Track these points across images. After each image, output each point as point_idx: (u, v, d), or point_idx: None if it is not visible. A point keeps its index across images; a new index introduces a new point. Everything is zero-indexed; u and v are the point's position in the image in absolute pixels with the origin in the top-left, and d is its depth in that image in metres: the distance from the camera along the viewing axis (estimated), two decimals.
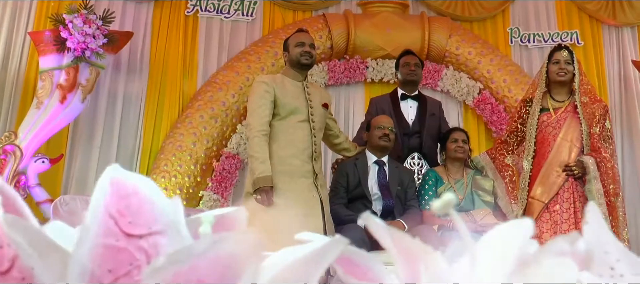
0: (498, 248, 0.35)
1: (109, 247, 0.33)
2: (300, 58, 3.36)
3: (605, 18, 5.97)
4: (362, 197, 3.54)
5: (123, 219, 0.34)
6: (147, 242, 0.34)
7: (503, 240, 0.35)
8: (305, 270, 0.33)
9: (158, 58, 5.48)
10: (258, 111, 3.22)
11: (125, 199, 0.35)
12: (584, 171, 3.53)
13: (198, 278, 0.30)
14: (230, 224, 0.41)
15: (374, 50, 5.44)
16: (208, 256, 0.30)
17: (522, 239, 0.34)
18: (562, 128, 3.67)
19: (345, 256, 0.37)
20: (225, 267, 0.31)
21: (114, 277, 0.32)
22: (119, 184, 0.36)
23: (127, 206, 0.35)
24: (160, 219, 0.35)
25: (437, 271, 0.36)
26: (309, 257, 0.34)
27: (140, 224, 0.34)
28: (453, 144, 3.81)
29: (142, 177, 0.37)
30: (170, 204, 0.36)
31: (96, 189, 0.35)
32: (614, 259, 0.33)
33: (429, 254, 0.37)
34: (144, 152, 5.30)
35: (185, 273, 0.30)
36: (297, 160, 3.23)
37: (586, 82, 3.82)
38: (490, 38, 5.81)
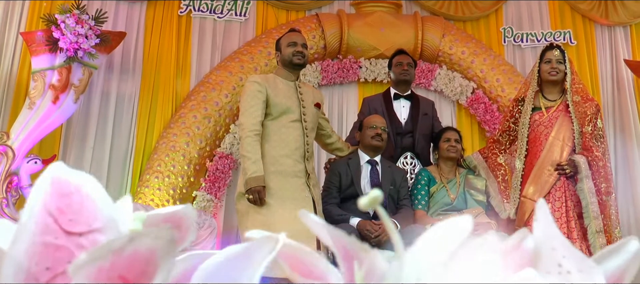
0: (434, 245, 0.35)
1: (47, 245, 0.33)
2: (292, 58, 3.36)
3: (598, 17, 5.99)
4: (355, 197, 3.52)
5: (63, 217, 0.34)
6: (87, 240, 0.33)
7: (440, 238, 0.35)
8: (238, 269, 0.33)
9: (151, 58, 5.47)
10: (250, 110, 3.21)
11: (66, 197, 0.35)
12: (575, 169, 3.55)
13: (120, 274, 0.30)
14: (179, 222, 0.41)
15: (367, 50, 5.44)
16: (126, 253, 0.30)
17: (459, 237, 0.34)
18: (554, 127, 3.68)
19: (290, 254, 0.37)
20: (144, 263, 0.30)
21: (52, 275, 0.32)
22: (61, 182, 0.36)
23: (68, 204, 0.35)
24: (101, 217, 0.35)
25: (372, 269, 0.35)
26: (241, 256, 0.34)
27: (80, 222, 0.34)
28: (446, 143, 3.82)
29: (85, 176, 0.37)
30: (111, 202, 0.36)
31: (34, 188, 0.35)
32: (560, 255, 0.33)
33: (366, 252, 0.37)
34: (137, 152, 5.28)
35: (107, 269, 0.30)
36: (289, 160, 3.23)
37: (578, 81, 3.83)
38: (483, 38, 5.82)
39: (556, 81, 3.76)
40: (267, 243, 0.34)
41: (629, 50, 6.01)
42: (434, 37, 5.47)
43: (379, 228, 3.32)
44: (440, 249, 0.34)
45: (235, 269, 0.34)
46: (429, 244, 0.35)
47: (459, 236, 0.34)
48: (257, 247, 0.34)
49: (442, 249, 0.34)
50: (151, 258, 0.31)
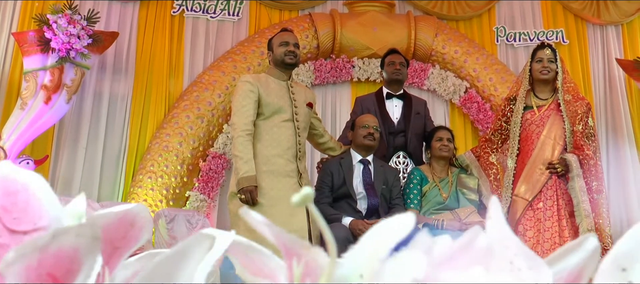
0: (376, 243, 0.35)
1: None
2: (284, 58, 3.35)
3: (590, 17, 6.01)
4: (347, 197, 3.53)
5: (8, 215, 0.34)
6: (31, 238, 0.33)
7: (382, 236, 0.35)
8: (176, 268, 0.33)
9: (144, 58, 5.46)
10: (242, 110, 3.21)
11: (12, 195, 0.35)
12: (567, 168, 3.55)
13: (48, 272, 0.30)
14: (133, 221, 0.41)
15: (360, 50, 5.45)
16: (51, 250, 0.30)
17: (398, 235, 0.34)
18: (545, 126, 3.68)
19: (242, 251, 0.37)
20: (69, 261, 0.30)
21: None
22: (8, 181, 0.36)
23: (14, 203, 0.35)
24: (47, 215, 0.34)
25: (311, 266, 0.35)
26: (178, 254, 0.33)
27: (25, 221, 0.34)
28: (438, 142, 3.81)
29: (32, 174, 0.36)
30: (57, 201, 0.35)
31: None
32: (512, 253, 0.33)
33: (307, 249, 0.36)
34: (130, 152, 5.28)
35: (35, 268, 0.30)
36: (281, 159, 3.22)
37: (569, 80, 3.83)
38: (476, 37, 5.83)
39: (547, 79, 3.76)
40: (204, 240, 0.34)
41: (620, 49, 6.03)
42: (427, 37, 5.48)
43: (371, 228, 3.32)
44: (382, 248, 0.34)
45: (174, 268, 0.34)
46: (371, 242, 0.35)
47: (400, 234, 0.34)
48: (193, 245, 0.34)
49: (384, 247, 0.34)
50: (75, 256, 0.31)
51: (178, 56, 5.53)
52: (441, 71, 5.52)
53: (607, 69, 6.00)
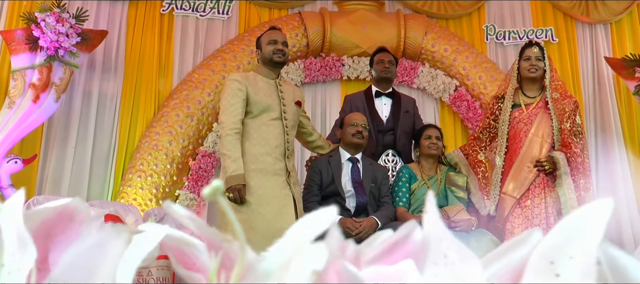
0: (297, 238, 0.35)
1: None
2: (273, 56, 3.35)
3: (579, 15, 6.04)
4: (336, 195, 3.54)
5: None
6: None
7: (303, 230, 0.36)
8: (94, 265, 0.33)
9: (133, 57, 5.44)
10: (230, 109, 3.20)
11: None
12: (554, 166, 3.57)
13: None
14: (72, 215, 0.40)
15: (350, 48, 5.45)
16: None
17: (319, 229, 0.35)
18: (533, 124, 3.70)
19: (174, 245, 0.37)
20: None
21: None
22: None
23: None
24: None
25: (228, 258, 0.35)
26: (94, 249, 0.33)
27: None
28: (426, 140, 3.82)
29: None
30: None
31: None
32: (446, 247, 0.33)
33: (228, 242, 0.37)
34: (119, 151, 5.26)
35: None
36: (269, 158, 3.22)
37: (557, 78, 3.85)
38: (466, 35, 5.85)
39: (535, 78, 3.78)
40: (120, 235, 0.34)
41: (609, 48, 6.06)
42: (417, 35, 5.49)
43: (359, 226, 3.33)
44: (305, 242, 0.34)
45: (89, 266, 0.33)
46: (294, 236, 0.35)
47: (321, 228, 0.35)
48: (108, 240, 0.33)
49: (306, 241, 0.34)
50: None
51: (167, 55, 5.51)
52: (431, 69, 5.54)
53: (596, 67, 6.03)
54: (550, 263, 0.31)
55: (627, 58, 5.52)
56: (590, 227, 0.32)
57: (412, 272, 0.32)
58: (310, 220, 0.36)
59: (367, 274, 0.34)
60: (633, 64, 5.44)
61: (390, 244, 0.36)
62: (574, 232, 0.32)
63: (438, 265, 0.32)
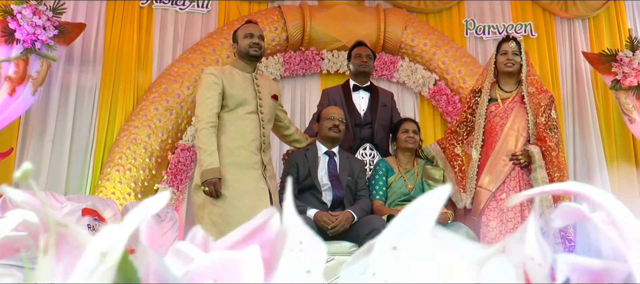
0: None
1: None
2: (249, 49, 3.35)
3: (558, 10, 6.09)
4: (312, 188, 3.55)
5: None
6: None
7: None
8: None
9: (112, 50, 5.41)
10: (206, 102, 3.20)
11: None
12: (529, 159, 3.61)
13: None
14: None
15: (330, 42, 5.45)
16: None
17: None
18: (509, 118, 3.74)
19: (60, 236, 0.37)
20: None
21: None
22: None
23: None
24: None
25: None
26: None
27: None
28: (404, 134, 3.85)
29: None
30: None
31: None
32: (301, 234, 0.34)
33: (63, 227, 0.37)
34: (98, 145, 5.23)
35: None
36: (245, 151, 3.22)
37: (533, 73, 3.89)
38: (445, 30, 5.87)
39: (512, 72, 3.82)
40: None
41: (587, 43, 6.12)
42: (396, 29, 5.50)
43: (335, 219, 3.35)
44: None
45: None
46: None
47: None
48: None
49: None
50: None
51: (147, 48, 5.48)
52: (410, 64, 5.56)
53: (574, 62, 6.09)
54: (393, 249, 0.32)
55: (603, 53, 5.58)
56: (425, 213, 0.33)
57: (254, 258, 0.33)
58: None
59: (207, 258, 0.34)
60: (609, 59, 5.50)
61: (249, 231, 0.37)
62: (413, 218, 0.33)
63: (294, 251, 0.33)
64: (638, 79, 5.42)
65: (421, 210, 0.33)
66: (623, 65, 5.45)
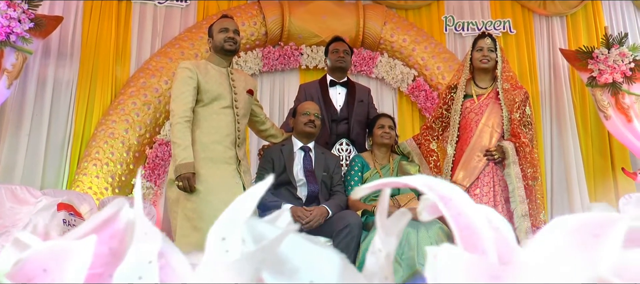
0: None
1: None
2: (224, 44, 3.34)
3: (536, 8, 6.13)
4: (287, 184, 3.55)
5: None
6: None
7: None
8: None
9: (90, 43, 5.36)
10: (181, 97, 3.19)
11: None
12: (503, 155, 3.62)
13: None
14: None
15: (309, 37, 5.45)
16: None
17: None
18: (484, 114, 3.75)
19: None
20: None
21: None
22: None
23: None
24: None
25: None
26: None
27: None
28: (379, 130, 3.85)
29: None
30: None
31: None
32: (146, 226, 0.35)
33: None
34: (75, 139, 5.19)
35: None
36: (220, 146, 3.21)
37: (508, 69, 3.91)
38: (425, 26, 5.90)
39: (487, 68, 3.83)
40: None
41: (565, 40, 6.18)
42: (376, 25, 5.51)
43: (309, 214, 3.35)
44: None
45: None
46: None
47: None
48: None
49: None
50: None
51: (125, 42, 5.44)
52: (389, 59, 5.57)
53: (552, 59, 6.14)
54: (222, 240, 0.32)
55: (580, 50, 5.64)
56: (243, 208, 0.34)
57: (86, 248, 0.34)
58: None
59: (39, 247, 0.35)
60: (585, 56, 5.56)
61: (100, 221, 0.37)
62: (237, 212, 0.34)
63: (141, 241, 0.34)
64: (613, 76, 5.48)
65: (242, 205, 0.34)
66: (599, 63, 5.51)
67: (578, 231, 0.33)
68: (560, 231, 0.35)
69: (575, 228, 0.33)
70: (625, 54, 5.51)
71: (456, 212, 0.34)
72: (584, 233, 0.32)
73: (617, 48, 5.54)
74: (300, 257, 0.28)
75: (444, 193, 0.34)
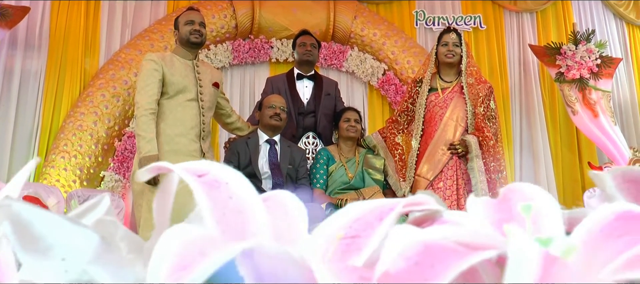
0: None
1: None
2: (189, 36, 3.33)
3: (507, 4, 6.20)
4: (252, 176, 3.55)
5: None
6: None
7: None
8: None
9: (58, 34, 5.31)
10: (146, 89, 3.18)
11: None
12: (467, 149, 3.66)
13: None
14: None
15: (279, 31, 5.45)
16: None
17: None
18: (448, 108, 3.79)
19: None
20: None
21: None
22: None
23: None
24: None
25: None
26: None
27: None
28: (345, 123, 3.87)
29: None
30: None
31: None
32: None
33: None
34: (43, 131, 5.14)
35: None
36: (184, 139, 3.21)
37: (473, 64, 3.94)
38: (396, 20, 5.92)
39: (452, 63, 3.86)
40: None
41: (535, 36, 6.25)
42: (346, 19, 5.53)
43: None
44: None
45: None
46: None
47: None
48: None
49: None
50: None
51: (94, 33, 5.39)
52: (360, 53, 5.60)
53: (522, 54, 6.21)
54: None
55: (548, 46, 5.72)
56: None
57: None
58: None
59: None
60: (554, 52, 5.64)
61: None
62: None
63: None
64: (580, 72, 5.57)
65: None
66: (567, 59, 5.59)
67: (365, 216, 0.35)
68: (346, 218, 0.37)
69: (365, 211, 0.36)
70: (592, 51, 5.59)
71: (227, 195, 0.35)
72: (371, 217, 0.34)
73: (584, 44, 5.63)
74: (54, 235, 0.29)
75: (218, 176, 0.36)
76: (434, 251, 0.25)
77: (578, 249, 0.26)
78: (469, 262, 0.23)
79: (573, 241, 0.27)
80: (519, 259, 0.22)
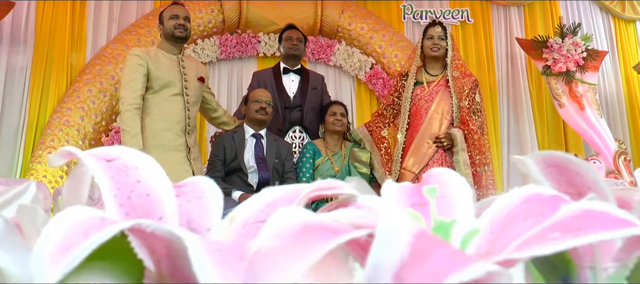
0: None
1: None
2: (174, 31, 3.33)
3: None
4: (239, 171, 3.55)
5: None
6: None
7: None
8: None
9: (44, 29, 5.28)
10: (131, 84, 3.18)
11: None
12: (452, 142, 3.68)
13: None
14: None
15: (266, 25, 5.45)
16: None
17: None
18: (434, 101, 3.80)
19: None
20: None
21: None
22: None
23: None
24: None
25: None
26: None
27: None
28: (331, 117, 3.87)
29: None
30: None
31: None
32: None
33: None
34: (29, 127, 5.12)
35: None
36: (170, 133, 3.21)
37: (458, 57, 3.96)
38: (383, 14, 5.93)
39: (438, 56, 3.88)
40: None
41: (522, 29, 6.28)
42: (333, 13, 5.53)
43: None
44: None
45: None
46: None
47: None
48: None
49: None
50: None
51: (81, 28, 5.37)
52: (347, 47, 5.60)
53: (509, 48, 6.24)
54: None
55: (535, 39, 5.74)
56: None
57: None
58: None
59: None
60: (541, 45, 5.67)
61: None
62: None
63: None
64: (567, 65, 5.60)
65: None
66: (553, 52, 5.62)
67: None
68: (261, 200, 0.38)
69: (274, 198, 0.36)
70: (578, 44, 5.63)
71: (136, 179, 0.36)
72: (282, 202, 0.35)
73: (571, 38, 5.66)
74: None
75: (128, 161, 0.37)
76: (311, 231, 0.25)
77: (482, 231, 0.27)
78: (338, 241, 0.24)
79: (476, 224, 0.28)
80: (385, 237, 0.23)
